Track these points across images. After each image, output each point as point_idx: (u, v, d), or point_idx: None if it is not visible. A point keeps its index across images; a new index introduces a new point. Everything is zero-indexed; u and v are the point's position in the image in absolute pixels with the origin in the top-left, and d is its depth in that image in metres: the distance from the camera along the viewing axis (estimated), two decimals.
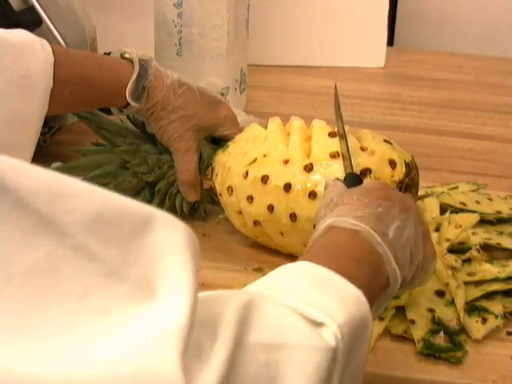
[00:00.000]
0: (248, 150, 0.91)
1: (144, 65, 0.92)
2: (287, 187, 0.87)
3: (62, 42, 1.07)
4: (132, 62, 0.91)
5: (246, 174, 0.89)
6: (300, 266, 0.60)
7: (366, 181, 0.81)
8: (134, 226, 0.44)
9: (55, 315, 0.41)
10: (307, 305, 0.54)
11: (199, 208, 0.99)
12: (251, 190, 0.89)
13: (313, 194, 0.86)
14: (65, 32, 1.08)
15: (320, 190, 0.85)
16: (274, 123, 0.92)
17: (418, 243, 0.69)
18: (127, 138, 0.98)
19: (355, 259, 0.63)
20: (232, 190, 0.91)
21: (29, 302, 0.41)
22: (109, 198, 0.44)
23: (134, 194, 1.00)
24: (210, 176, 0.95)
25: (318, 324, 0.53)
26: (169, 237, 0.45)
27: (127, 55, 0.92)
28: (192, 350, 0.44)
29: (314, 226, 0.70)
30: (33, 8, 1.05)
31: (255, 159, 0.90)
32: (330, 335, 0.53)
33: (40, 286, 0.41)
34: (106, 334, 0.42)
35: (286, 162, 0.88)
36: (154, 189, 0.97)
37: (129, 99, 0.91)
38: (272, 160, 0.89)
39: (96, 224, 0.43)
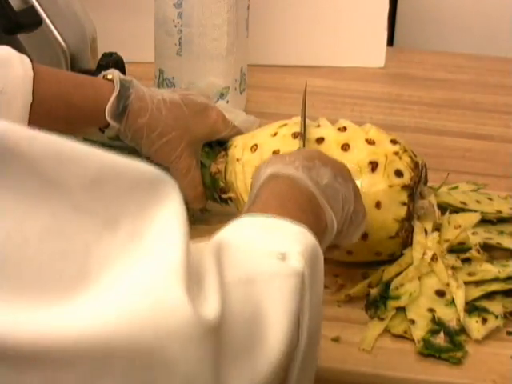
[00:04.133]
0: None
1: (125, 84, 0.90)
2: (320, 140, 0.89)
3: (62, 42, 1.07)
4: (113, 82, 0.90)
5: (275, 134, 0.91)
6: (246, 220, 0.63)
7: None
8: (132, 184, 0.48)
9: (68, 273, 0.44)
10: (265, 243, 0.59)
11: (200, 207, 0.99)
12: (279, 145, 0.90)
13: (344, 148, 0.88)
14: (65, 32, 1.08)
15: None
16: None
17: (349, 196, 0.75)
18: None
19: (301, 209, 0.67)
20: (256, 148, 0.91)
21: (44, 262, 0.44)
22: (109, 157, 0.48)
23: None
24: (222, 159, 0.94)
25: (281, 255, 0.57)
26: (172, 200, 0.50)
27: (109, 76, 0.91)
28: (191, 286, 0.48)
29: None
30: (33, 8, 1.05)
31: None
32: (295, 262, 0.57)
33: (51, 246, 0.44)
34: (116, 281, 0.45)
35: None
36: None
37: (108, 118, 0.89)
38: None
39: (96, 183, 0.47)
